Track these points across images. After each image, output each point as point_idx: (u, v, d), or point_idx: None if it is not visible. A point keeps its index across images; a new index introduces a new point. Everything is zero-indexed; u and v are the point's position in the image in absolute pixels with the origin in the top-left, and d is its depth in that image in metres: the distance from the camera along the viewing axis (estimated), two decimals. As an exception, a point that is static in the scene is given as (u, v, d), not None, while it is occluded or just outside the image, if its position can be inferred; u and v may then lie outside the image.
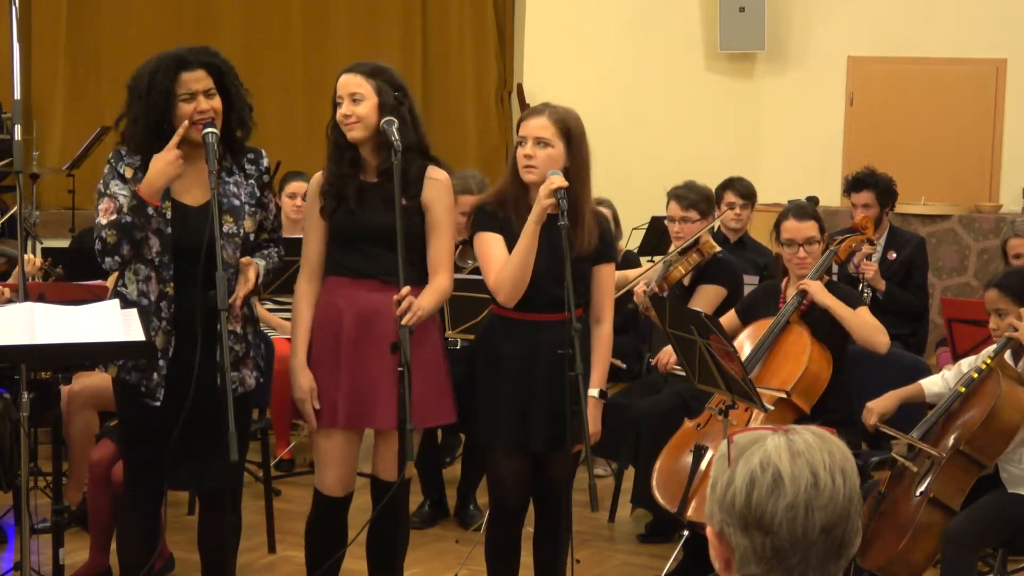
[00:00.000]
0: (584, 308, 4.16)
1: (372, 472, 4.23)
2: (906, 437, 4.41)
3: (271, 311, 6.56)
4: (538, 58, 10.00)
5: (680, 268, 5.51)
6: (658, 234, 7.83)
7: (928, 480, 4.31)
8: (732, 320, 5.11)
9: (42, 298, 4.34)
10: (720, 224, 6.67)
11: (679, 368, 5.24)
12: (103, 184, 3.87)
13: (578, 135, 4.10)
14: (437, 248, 4.10)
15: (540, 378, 4.08)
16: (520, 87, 9.92)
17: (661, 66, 10.01)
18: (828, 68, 9.96)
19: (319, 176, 4.15)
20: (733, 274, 5.62)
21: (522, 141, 4.10)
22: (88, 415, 5.29)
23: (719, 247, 5.65)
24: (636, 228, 8.01)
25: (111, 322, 3.65)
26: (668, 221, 5.72)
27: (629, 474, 5.72)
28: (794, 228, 4.93)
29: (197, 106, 3.80)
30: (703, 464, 4.66)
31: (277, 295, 6.27)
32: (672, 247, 5.73)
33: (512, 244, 4.08)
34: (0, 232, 6.31)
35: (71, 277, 5.41)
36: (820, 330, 4.84)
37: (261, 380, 4.07)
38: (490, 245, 4.12)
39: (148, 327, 3.73)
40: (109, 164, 3.87)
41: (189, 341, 3.83)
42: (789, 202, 6.05)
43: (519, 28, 10.15)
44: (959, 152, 9.72)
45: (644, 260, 7.11)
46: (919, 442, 4.35)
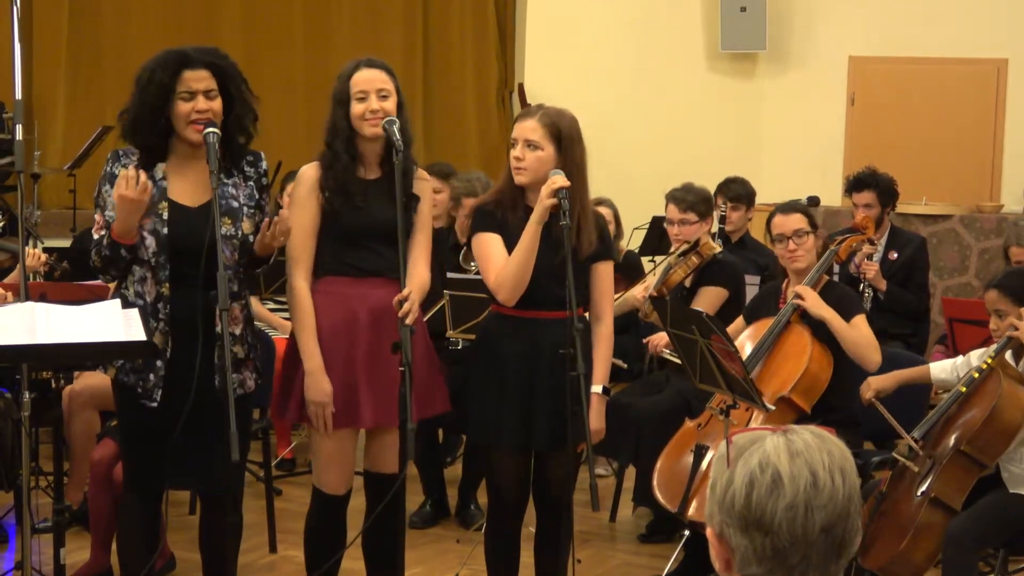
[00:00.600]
0: (584, 307, 4.16)
1: (367, 467, 4.24)
2: (906, 437, 4.41)
3: (272, 311, 6.56)
4: (539, 58, 9.99)
5: (680, 271, 5.50)
6: (659, 234, 7.82)
7: (929, 480, 4.31)
8: (740, 325, 5.11)
9: (43, 298, 4.34)
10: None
11: (668, 352, 5.27)
12: (97, 189, 3.87)
13: (570, 137, 4.07)
14: (418, 243, 4.12)
15: (541, 376, 4.09)
16: (521, 87, 9.91)
17: (662, 66, 10.00)
18: (829, 68, 9.95)
19: (314, 171, 4.08)
20: (733, 275, 5.62)
21: (514, 143, 4.10)
22: (89, 415, 5.29)
23: (719, 248, 5.64)
24: (637, 228, 8.01)
25: (112, 322, 3.65)
26: (667, 223, 5.72)
27: (630, 474, 5.72)
28: (781, 223, 4.96)
29: (196, 106, 3.78)
30: (704, 464, 4.66)
31: (278, 295, 6.28)
32: (672, 249, 5.73)
33: (509, 243, 4.08)
34: (1, 232, 6.31)
35: (72, 277, 5.42)
36: (821, 330, 4.83)
37: (259, 381, 4.06)
38: (489, 245, 4.12)
39: (148, 327, 3.73)
40: (106, 166, 3.87)
41: (186, 342, 3.82)
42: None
43: (520, 28, 10.14)
44: (960, 152, 9.71)
45: (645, 260, 7.11)
46: (918, 440, 4.35)
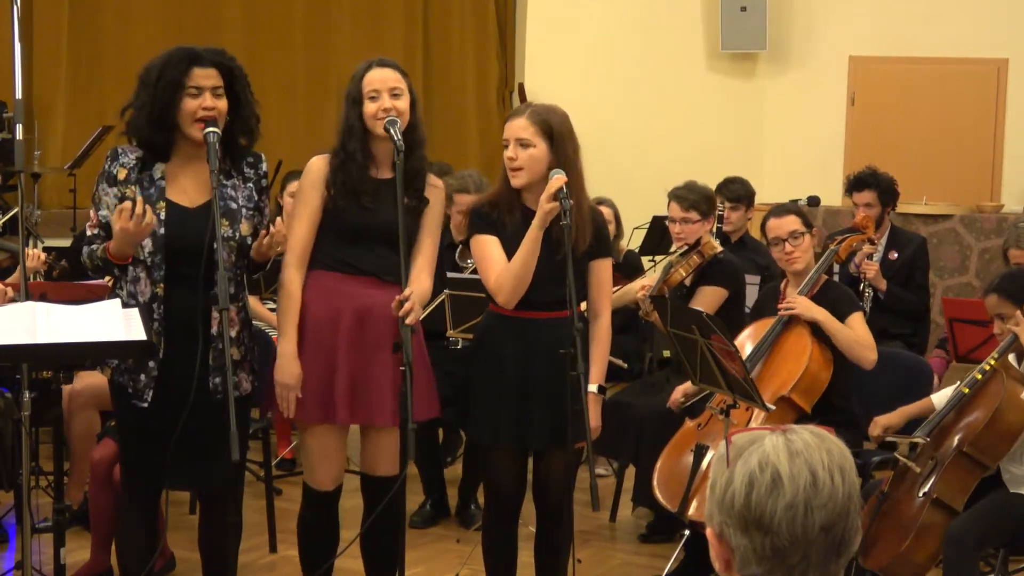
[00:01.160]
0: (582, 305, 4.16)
1: (364, 469, 4.23)
2: (911, 437, 4.41)
3: (272, 311, 6.55)
4: (539, 58, 10.00)
5: (681, 271, 5.48)
6: (659, 233, 7.82)
7: (931, 481, 4.31)
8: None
9: (44, 297, 4.34)
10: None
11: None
12: (96, 184, 3.88)
13: (561, 132, 4.06)
14: (425, 251, 4.10)
15: (538, 376, 4.09)
16: (521, 87, 9.91)
17: (662, 66, 10.00)
18: (829, 68, 9.95)
19: (323, 165, 4.08)
20: (734, 275, 5.58)
21: (506, 144, 4.09)
22: (89, 414, 5.29)
23: (720, 247, 5.62)
24: (637, 228, 8.01)
25: (112, 321, 3.65)
26: (669, 222, 5.67)
27: (630, 473, 5.72)
28: (776, 226, 4.96)
29: (202, 103, 3.78)
30: (704, 464, 4.66)
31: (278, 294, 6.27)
32: (673, 247, 5.71)
33: (505, 245, 4.08)
34: (1, 231, 6.31)
35: (72, 276, 5.41)
36: (821, 330, 4.83)
37: (256, 383, 4.06)
38: (487, 247, 4.12)
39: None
40: (104, 164, 3.87)
41: (182, 343, 3.81)
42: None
43: (520, 28, 10.14)
44: (960, 152, 9.71)
45: (645, 260, 7.11)
46: (923, 437, 4.35)
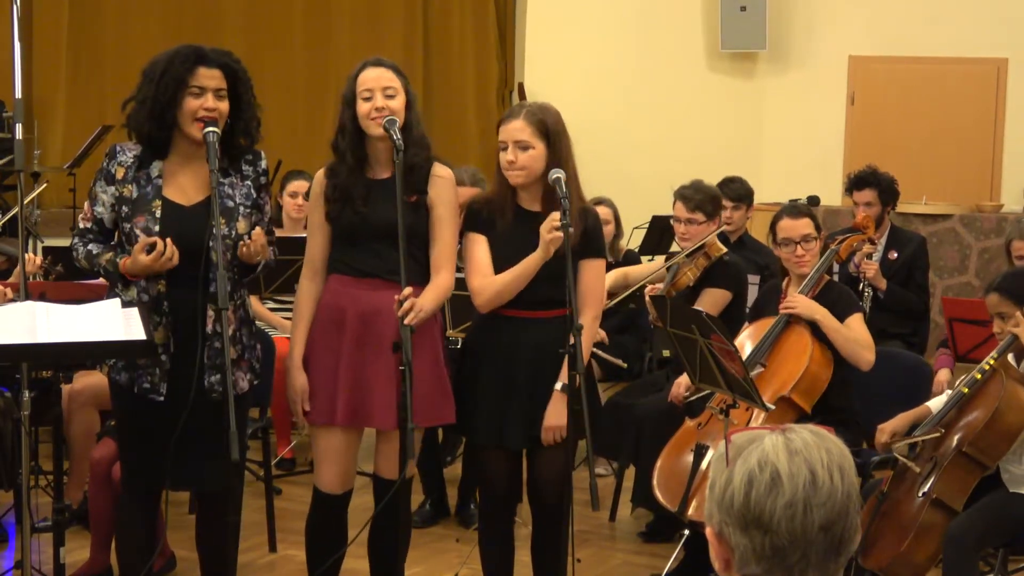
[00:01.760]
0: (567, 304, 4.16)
1: (374, 471, 4.23)
2: (913, 437, 4.41)
3: (272, 310, 6.56)
4: (539, 57, 10.01)
5: (688, 273, 5.42)
6: (659, 233, 7.83)
7: (931, 481, 4.31)
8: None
9: (43, 297, 4.34)
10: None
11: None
12: (93, 180, 3.89)
13: (557, 131, 4.06)
14: (440, 246, 4.08)
15: (520, 375, 4.09)
16: (521, 86, 9.92)
17: (662, 65, 10.01)
18: (829, 67, 9.96)
19: (322, 177, 4.11)
20: (738, 277, 5.52)
21: (503, 146, 4.09)
22: (89, 414, 5.29)
23: (726, 249, 5.58)
24: (637, 227, 8.02)
25: (112, 321, 3.65)
26: (674, 221, 5.58)
27: (630, 473, 5.71)
28: (789, 227, 4.92)
29: (204, 103, 3.78)
30: (704, 463, 4.65)
31: (278, 294, 6.28)
32: (674, 247, 5.68)
33: (493, 245, 4.10)
34: (1, 231, 6.31)
35: (72, 276, 5.41)
36: (821, 330, 4.83)
37: (256, 382, 4.06)
38: (474, 247, 4.14)
39: (149, 324, 3.73)
40: (103, 161, 3.88)
41: (182, 340, 3.81)
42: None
43: (520, 27, 10.15)
44: (960, 152, 9.72)
45: (645, 260, 7.10)
46: (923, 436, 4.35)
